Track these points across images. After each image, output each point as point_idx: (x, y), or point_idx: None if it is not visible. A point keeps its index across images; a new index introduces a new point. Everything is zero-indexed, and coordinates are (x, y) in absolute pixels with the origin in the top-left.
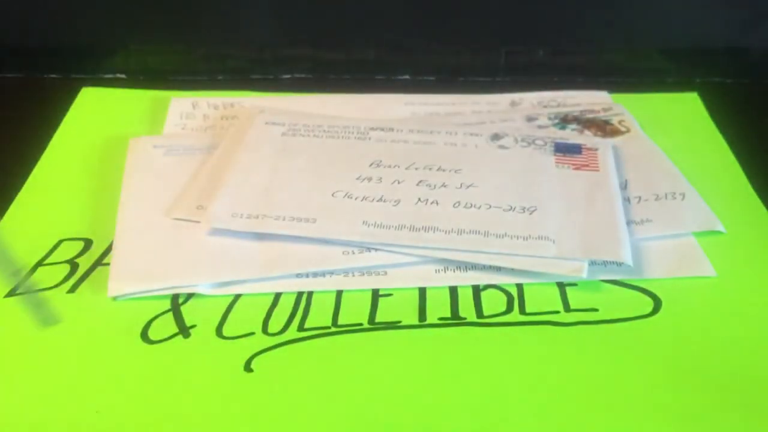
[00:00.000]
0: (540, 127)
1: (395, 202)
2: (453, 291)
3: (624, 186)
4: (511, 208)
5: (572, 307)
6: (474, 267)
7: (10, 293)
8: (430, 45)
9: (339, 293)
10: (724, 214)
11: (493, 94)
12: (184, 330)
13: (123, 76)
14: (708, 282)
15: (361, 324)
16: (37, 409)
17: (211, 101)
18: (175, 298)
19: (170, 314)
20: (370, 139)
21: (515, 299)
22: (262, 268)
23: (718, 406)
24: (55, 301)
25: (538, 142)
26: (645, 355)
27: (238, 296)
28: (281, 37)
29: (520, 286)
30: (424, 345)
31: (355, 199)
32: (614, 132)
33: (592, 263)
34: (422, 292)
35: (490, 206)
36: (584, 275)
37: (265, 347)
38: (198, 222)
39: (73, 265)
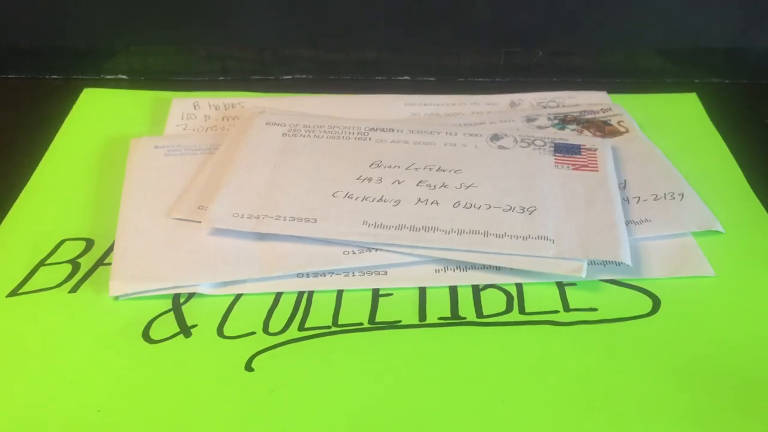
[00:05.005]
0: (539, 127)
1: (395, 202)
2: (453, 291)
3: (623, 186)
4: (511, 208)
5: (571, 306)
6: (474, 267)
7: (12, 293)
8: (430, 46)
9: (339, 293)
10: (723, 214)
11: (492, 95)
12: (185, 329)
13: (124, 76)
14: (707, 282)
15: (361, 324)
16: (38, 408)
17: (212, 102)
18: (176, 297)
19: (171, 314)
20: (370, 139)
21: (515, 299)
22: (263, 268)
23: (716, 405)
24: (56, 300)
25: (537, 142)
26: (644, 355)
27: (239, 296)
28: (282, 38)
29: (519, 286)
30: (424, 345)
31: (356, 199)
32: (613, 132)
33: (592, 263)
34: (422, 291)
35: (490, 206)
36: (583, 275)
37: (266, 347)
38: (199, 222)
39: (75, 264)
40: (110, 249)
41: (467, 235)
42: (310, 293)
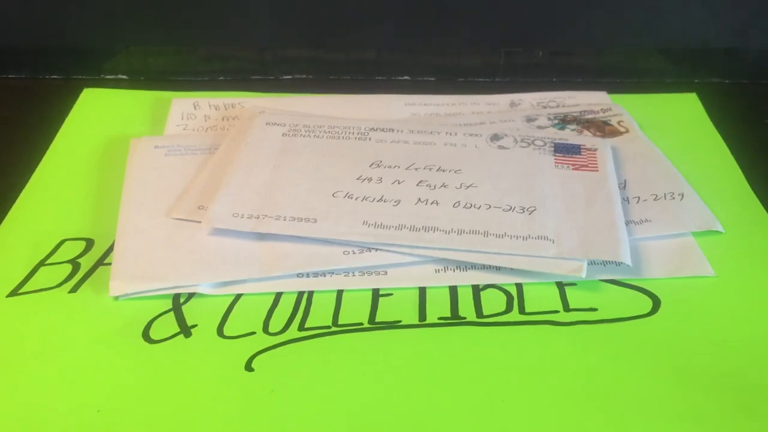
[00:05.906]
0: (539, 127)
1: (395, 202)
2: (453, 291)
3: (623, 186)
4: (511, 208)
5: (571, 306)
6: (474, 267)
7: (12, 293)
8: (430, 45)
9: (339, 293)
10: (723, 214)
11: (492, 95)
12: (185, 329)
13: (124, 76)
14: (707, 282)
15: (361, 324)
16: (38, 408)
17: (212, 102)
18: (176, 297)
19: (171, 314)
20: (370, 139)
21: (515, 299)
22: (263, 268)
23: (716, 405)
24: (56, 300)
25: (537, 142)
26: (644, 355)
27: (239, 296)
28: (282, 38)
29: (519, 286)
30: (424, 345)
31: (356, 199)
32: (613, 132)
33: (592, 263)
34: (422, 291)
35: (490, 206)
36: (583, 275)
37: (266, 347)
38: (199, 222)
39: (75, 265)
40: (110, 249)
41: (467, 235)
42: (310, 293)
